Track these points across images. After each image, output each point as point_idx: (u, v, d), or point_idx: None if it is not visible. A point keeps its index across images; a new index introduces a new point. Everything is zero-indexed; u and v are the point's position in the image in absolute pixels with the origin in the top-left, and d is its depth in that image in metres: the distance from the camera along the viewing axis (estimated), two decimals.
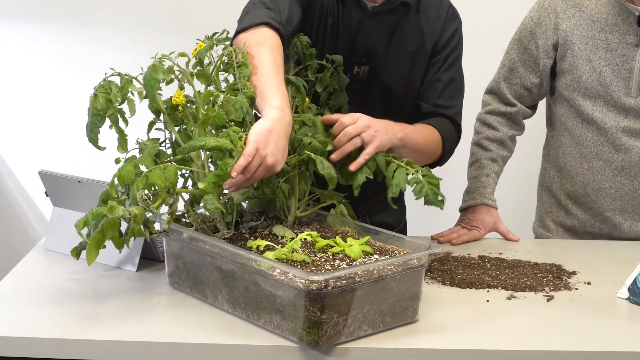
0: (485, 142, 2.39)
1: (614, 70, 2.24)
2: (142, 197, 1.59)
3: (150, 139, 1.80)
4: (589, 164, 2.31)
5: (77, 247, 1.64)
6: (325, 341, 1.48)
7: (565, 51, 2.28)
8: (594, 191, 2.32)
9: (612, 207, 2.31)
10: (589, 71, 2.26)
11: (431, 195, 1.75)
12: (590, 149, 2.31)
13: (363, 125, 1.85)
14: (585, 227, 2.37)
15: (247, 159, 1.62)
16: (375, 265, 1.53)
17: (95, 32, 3.49)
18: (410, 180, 1.78)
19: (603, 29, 2.25)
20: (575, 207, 2.37)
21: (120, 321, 1.59)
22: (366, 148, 1.85)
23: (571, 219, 2.39)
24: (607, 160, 2.29)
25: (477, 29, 2.73)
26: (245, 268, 1.56)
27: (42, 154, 3.55)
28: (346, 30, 2.08)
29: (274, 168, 1.66)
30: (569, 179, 2.37)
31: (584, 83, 2.27)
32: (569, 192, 2.38)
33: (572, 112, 2.33)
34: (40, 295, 1.73)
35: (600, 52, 2.25)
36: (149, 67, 1.72)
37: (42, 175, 2.02)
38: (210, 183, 1.61)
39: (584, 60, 2.26)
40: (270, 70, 1.75)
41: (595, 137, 2.29)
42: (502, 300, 1.76)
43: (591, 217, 2.35)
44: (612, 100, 2.25)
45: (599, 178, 2.31)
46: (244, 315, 1.60)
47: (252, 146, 1.62)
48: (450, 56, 2.14)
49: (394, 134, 1.90)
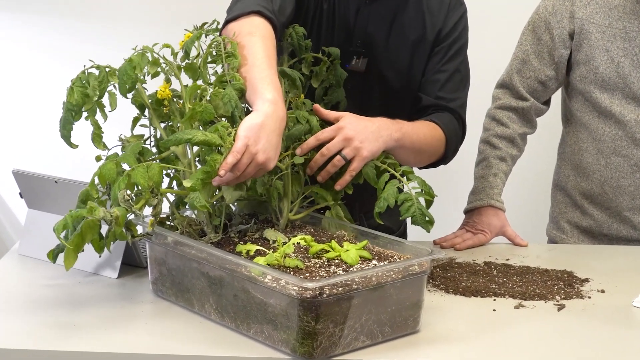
0: (494, 139, 2.39)
1: (632, 61, 2.25)
2: (124, 197, 1.59)
3: (133, 136, 1.80)
4: (607, 160, 2.33)
5: (54, 249, 1.64)
6: (320, 353, 1.48)
7: (581, 41, 2.30)
8: (612, 189, 2.33)
9: (631, 205, 2.32)
10: (606, 62, 2.27)
11: (418, 216, 1.75)
12: (607, 145, 2.32)
13: (343, 140, 1.84)
14: (602, 228, 2.37)
15: (235, 156, 1.61)
16: (373, 272, 1.53)
17: (76, 22, 3.48)
18: (399, 197, 1.77)
19: (621, 17, 2.26)
20: (591, 206, 2.38)
21: (100, 331, 1.59)
22: (352, 164, 1.85)
23: (587, 219, 2.39)
24: (626, 155, 2.30)
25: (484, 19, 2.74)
26: (234, 274, 1.56)
27: (16, 152, 3.54)
28: (343, 19, 2.08)
29: (265, 166, 1.66)
30: (585, 177, 2.38)
31: (601, 75, 2.28)
32: (585, 191, 2.39)
33: (587, 106, 2.34)
34: (15, 303, 1.72)
35: (618, 42, 2.26)
36: (125, 60, 1.71)
37: (16, 175, 2.02)
38: (198, 180, 1.60)
39: (601, 51, 2.27)
40: (262, 61, 1.74)
41: (613, 132, 2.31)
42: (509, 310, 1.76)
43: (608, 217, 2.36)
44: (631, 92, 2.27)
45: (617, 175, 2.32)
46: (232, 325, 1.60)
47: (241, 142, 1.62)
48: (455, 45, 2.14)
49: (389, 135, 1.90)
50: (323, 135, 1.85)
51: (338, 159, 1.85)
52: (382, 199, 1.78)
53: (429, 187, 1.80)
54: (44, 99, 3.34)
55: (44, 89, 3.44)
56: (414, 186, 1.79)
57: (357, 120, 1.88)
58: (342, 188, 1.87)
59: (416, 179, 1.80)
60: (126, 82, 1.69)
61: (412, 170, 1.84)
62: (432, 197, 1.79)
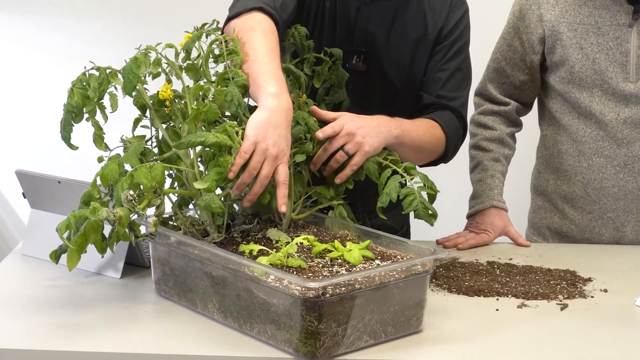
0: (484, 142, 2.39)
1: (608, 55, 2.23)
2: (127, 197, 1.59)
3: (135, 137, 1.80)
4: (589, 161, 2.30)
5: (57, 250, 1.64)
6: (323, 352, 1.48)
7: (553, 43, 2.27)
8: (595, 191, 2.30)
9: (615, 207, 2.30)
10: (581, 60, 2.24)
11: (421, 210, 1.75)
12: (589, 146, 2.29)
13: (346, 135, 1.85)
14: (584, 232, 2.35)
15: (243, 157, 1.62)
16: (376, 272, 1.53)
17: (77, 23, 3.49)
18: (401, 191, 1.77)
19: (592, 13, 2.23)
20: (572, 210, 2.35)
21: (103, 331, 1.59)
22: (354, 158, 1.85)
23: (567, 224, 2.37)
24: (609, 156, 2.27)
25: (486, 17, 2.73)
26: (237, 274, 1.56)
27: (19, 152, 3.55)
28: (344, 18, 2.08)
29: (281, 158, 1.66)
30: (567, 180, 2.35)
31: (577, 73, 2.25)
32: (566, 194, 2.36)
33: (567, 107, 2.31)
34: (18, 303, 1.72)
35: (592, 38, 2.23)
36: (130, 59, 1.72)
37: (19, 175, 2.02)
38: (213, 181, 1.61)
39: (574, 49, 2.24)
40: (264, 55, 1.75)
41: (594, 132, 2.28)
42: (512, 309, 1.76)
43: (590, 221, 2.33)
44: (610, 89, 2.24)
45: (600, 176, 2.29)
46: (235, 325, 1.60)
47: (248, 141, 1.63)
48: (456, 44, 2.14)
49: (388, 131, 1.90)
50: (322, 132, 1.85)
51: (340, 154, 1.85)
52: (384, 193, 1.78)
53: (432, 182, 1.80)
54: (47, 99, 3.33)
55: (46, 89, 3.44)
56: (416, 181, 1.79)
57: (357, 117, 1.88)
58: (342, 182, 1.87)
59: (418, 174, 1.80)
60: (132, 81, 1.70)
61: (414, 167, 1.84)
62: (435, 192, 1.79)
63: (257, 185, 1.67)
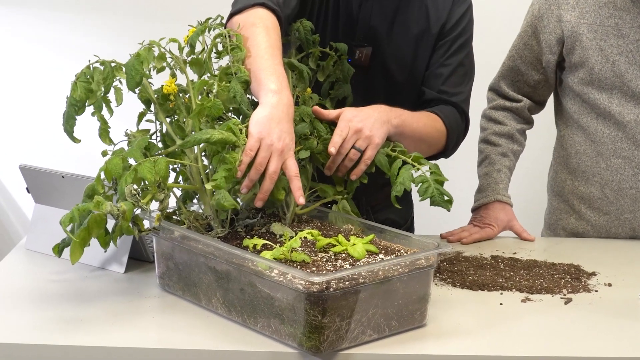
0: (493, 137, 2.39)
1: (628, 58, 2.23)
2: (130, 192, 1.59)
3: (139, 131, 1.80)
4: (607, 162, 2.29)
5: (60, 244, 1.64)
6: (326, 347, 1.48)
7: (573, 44, 2.26)
8: (613, 192, 2.30)
9: (632, 208, 2.29)
10: (601, 61, 2.24)
11: (437, 196, 1.76)
12: (607, 147, 2.28)
13: (354, 133, 1.85)
14: (600, 233, 2.34)
15: (248, 154, 1.63)
16: (380, 266, 1.54)
17: (80, 17, 3.48)
18: (415, 179, 1.78)
19: (612, 15, 2.23)
20: (589, 211, 2.35)
21: (107, 326, 1.59)
22: (366, 153, 1.85)
23: (584, 224, 2.36)
24: (627, 157, 2.27)
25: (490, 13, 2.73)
26: (241, 269, 1.57)
27: (22, 147, 3.55)
28: (346, 13, 2.08)
29: (287, 152, 1.67)
30: (584, 181, 2.34)
31: (597, 75, 2.25)
32: (583, 195, 2.35)
33: (585, 108, 2.30)
34: (22, 298, 1.73)
35: (612, 40, 2.23)
36: (132, 54, 1.72)
37: (23, 170, 2.02)
38: (222, 178, 1.61)
39: (594, 51, 2.24)
40: (265, 52, 1.75)
41: (612, 133, 2.27)
42: (516, 303, 1.76)
43: (607, 222, 2.33)
44: (629, 91, 2.24)
45: (619, 178, 2.29)
46: (239, 319, 1.60)
47: (252, 139, 1.63)
48: (459, 39, 2.14)
49: (388, 120, 1.90)
50: (335, 139, 1.84)
51: (354, 153, 1.85)
52: (398, 183, 1.79)
53: (440, 171, 1.81)
54: (50, 93, 3.33)
55: (49, 84, 3.44)
56: (426, 170, 1.79)
57: (358, 112, 1.88)
58: (357, 178, 1.87)
59: (428, 163, 1.81)
60: (134, 77, 1.70)
61: (422, 156, 1.85)
62: (444, 180, 1.79)
63: (267, 181, 1.67)
